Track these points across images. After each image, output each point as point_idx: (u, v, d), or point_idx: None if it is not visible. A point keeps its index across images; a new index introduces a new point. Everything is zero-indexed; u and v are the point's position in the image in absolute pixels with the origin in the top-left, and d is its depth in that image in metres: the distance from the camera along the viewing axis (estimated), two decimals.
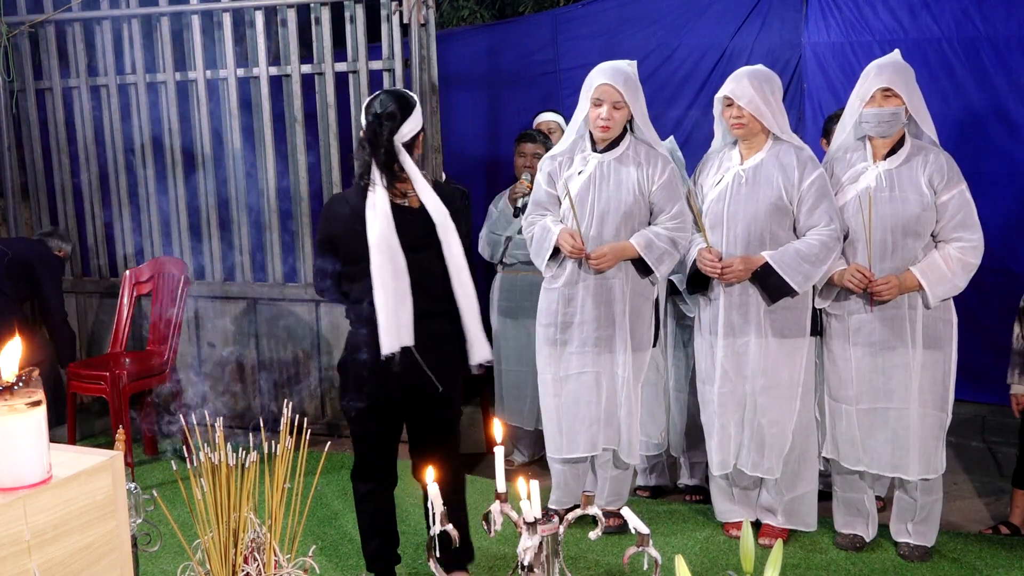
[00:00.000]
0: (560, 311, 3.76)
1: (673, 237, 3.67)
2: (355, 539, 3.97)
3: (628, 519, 1.78)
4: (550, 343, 3.80)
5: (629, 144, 3.72)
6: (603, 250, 3.63)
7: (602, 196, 3.68)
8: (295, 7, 5.12)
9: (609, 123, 3.63)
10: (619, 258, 3.67)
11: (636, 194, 3.66)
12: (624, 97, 3.62)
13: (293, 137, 5.27)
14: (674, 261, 3.72)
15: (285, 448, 1.99)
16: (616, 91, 3.61)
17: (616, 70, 3.65)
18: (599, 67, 3.69)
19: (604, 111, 3.61)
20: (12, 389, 1.33)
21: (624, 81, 3.62)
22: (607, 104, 3.61)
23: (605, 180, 3.68)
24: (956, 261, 3.43)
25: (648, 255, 3.65)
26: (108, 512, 1.45)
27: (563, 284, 3.76)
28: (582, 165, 3.72)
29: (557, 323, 3.77)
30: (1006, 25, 4.99)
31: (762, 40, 5.57)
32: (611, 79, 3.61)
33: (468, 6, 8.06)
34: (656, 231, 3.67)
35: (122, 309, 5.11)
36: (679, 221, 3.68)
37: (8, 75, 5.69)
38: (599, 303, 3.72)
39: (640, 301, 3.77)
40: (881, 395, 3.55)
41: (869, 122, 3.50)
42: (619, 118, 3.64)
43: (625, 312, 3.73)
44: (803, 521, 3.78)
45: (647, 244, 3.64)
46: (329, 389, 5.38)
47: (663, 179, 3.68)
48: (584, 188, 3.69)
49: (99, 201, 5.73)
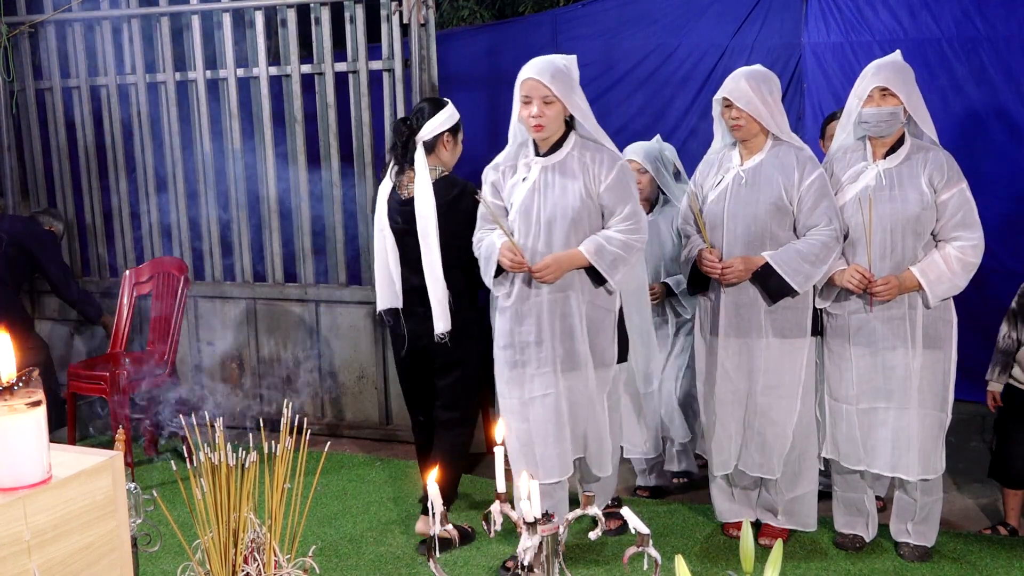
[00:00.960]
0: (515, 331, 3.50)
1: (626, 240, 3.40)
2: (355, 539, 3.98)
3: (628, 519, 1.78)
4: (510, 365, 3.53)
5: (574, 144, 3.46)
6: (546, 261, 3.36)
7: (547, 203, 3.41)
8: (295, 7, 5.12)
9: (541, 120, 3.35)
10: (566, 268, 3.39)
11: (583, 198, 3.39)
12: (553, 91, 3.33)
13: (293, 137, 5.27)
14: (632, 267, 3.49)
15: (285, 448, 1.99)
16: (542, 86, 3.33)
17: (543, 64, 3.38)
18: (528, 63, 3.43)
19: (534, 108, 3.35)
20: (12, 389, 1.33)
21: (552, 74, 3.34)
22: (536, 101, 3.35)
23: (550, 186, 3.42)
24: (956, 260, 3.43)
25: (599, 262, 3.38)
26: (108, 512, 1.45)
27: (514, 302, 3.49)
28: (526, 172, 3.47)
29: (514, 344, 3.51)
30: (1006, 25, 4.99)
31: (762, 40, 5.57)
32: (536, 74, 3.35)
33: (468, 6, 8.06)
34: (607, 235, 3.40)
35: (122, 309, 5.11)
36: (632, 223, 3.41)
37: (8, 75, 5.69)
38: (554, 319, 3.45)
39: (599, 314, 3.50)
40: (881, 395, 3.55)
41: (868, 122, 3.49)
42: (552, 115, 3.36)
43: (583, 327, 3.45)
44: (803, 521, 3.78)
45: (597, 250, 3.38)
46: (329, 389, 5.39)
47: (611, 178, 3.41)
48: (528, 196, 3.44)
49: (99, 201, 5.74)
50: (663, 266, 4.25)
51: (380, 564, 3.75)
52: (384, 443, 5.20)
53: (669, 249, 4.22)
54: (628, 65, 5.88)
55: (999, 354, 3.81)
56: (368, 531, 4.06)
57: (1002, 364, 3.80)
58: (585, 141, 3.47)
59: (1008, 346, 3.79)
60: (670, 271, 4.23)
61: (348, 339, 5.28)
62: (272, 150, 5.28)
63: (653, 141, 4.38)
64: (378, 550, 3.88)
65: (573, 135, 3.47)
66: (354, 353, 5.29)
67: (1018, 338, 3.77)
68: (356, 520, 4.18)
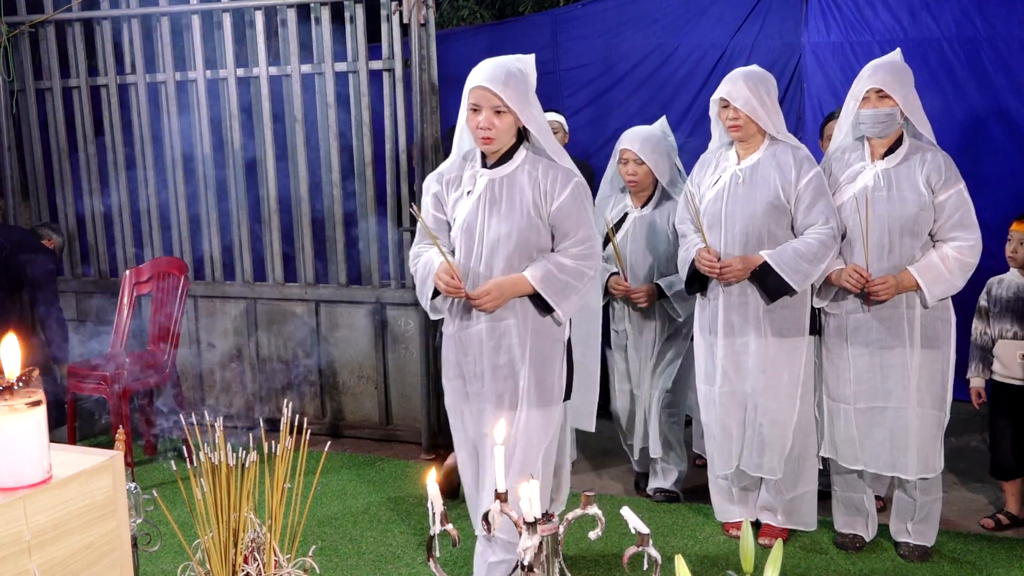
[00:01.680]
0: (462, 362, 3.18)
1: (578, 267, 3.05)
2: (355, 539, 3.98)
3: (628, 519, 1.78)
4: (461, 398, 3.23)
5: (525, 157, 3.08)
6: (487, 288, 3.02)
7: (492, 221, 3.05)
8: (295, 7, 5.12)
9: (490, 133, 2.98)
10: (508, 296, 3.04)
11: (532, 217, 3.04)
12: (505, 101, 2.95)
13: (293, 137, 5.27)
14: (583, 296, 3.15)
15: (285, 448, 1.99)
16: (493, 95, 2.96)
17: (495, 69, 3.00)
18: (479, 65, 3.07)
19: (483, 118, 2.98)
20: (12, 389, 1.33)
21: (505, 82, 2.96)
22: (486, 110, 2.98)
23: (496, 202, 3.06)
24: (954, 260, 3.43)
25: (546, 289, 3.03)
26: (108, 512, 1.45)
27: (456, 330, 3.18)
28: (471, 185, 3.11)
29: (463, 375, 3.19)
30: (1006, 25, 4.99)
31: (762, 40, 5.57)
32: (487, 81, 2.97)
33: (468, 6, 8.06)
34: (557, 260, 3.05)
35: (122, 309, 5.11)
36: (585, 247, 3.06)
37: (8, 75, 5.69)
38: (494, 350, 3.11)
39: (545, 345, 3.13)
40: (879, 394, 3.55)
41: (865, 123, 3.50)
42: (503, 126, 2.99)
43: (525, 359, 3.10)
44: (803, 521, 3.78)
45: (544, 276, 3.03)
46: (329, 389, 5.39)
47: (564, 197, 3.03)
48: (472, 213, 3.08)
49: (99, 201, 5.73)
50: (656, 266, 4.12)
51: (380, 564, 3.76)
52: (384, 443, 5.20)
53: (664, 248, 4.09)
54: (628, 65, 5.88)
55: (976, 350, 3.92)
56: (368, 531, 4.06)
57: (980, 359, 3.91)
58: (537, 154, 3.11)
59: (984, 342, 3.90)
60: (664, 272, 4.11)
61: (348, 339, 5.28)
62: (272, 150, 5.28)
63: (655, 126, 4.20)
64: (378, 550, 3.88)
65: (525, 146, 3.11)
66: (354, 353, 5.29)
67: (991, 333, 3.87)
68: (356, 520, 4.18)
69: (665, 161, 4.08)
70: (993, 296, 3.87)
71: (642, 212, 4.15)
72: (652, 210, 4.13)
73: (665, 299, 4.09)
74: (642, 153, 4.03)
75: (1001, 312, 3.83)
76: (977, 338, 3.91)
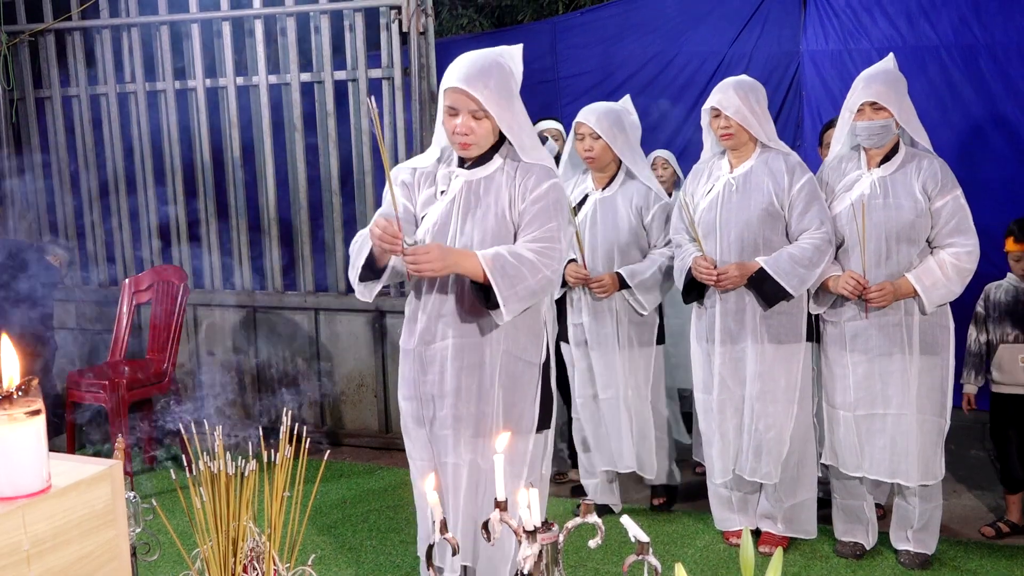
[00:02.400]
0: (419, 380, 2.84)
1: (537, 261, 2.65)
2: (354, 548, 3.97)
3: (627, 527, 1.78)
4: (416, 421, 2.89)
5: (505, 158, 2.78)
6: (428, 246, 2.60)
7: (466, 226, 2.75)
8: (294, 16, 5.13)
9: (468, 138, 2.69)
10: (451, 266, 2.62)
11: (507, 221, 2.73)
12: (484, 105, 2.64)
13: (292, 145, 5.27)
14: (534, 297, 2.70)
15: (284, 457, 1.98)
16: (469, 98, 2.65)
17: (473, 68, 2.66)
18: (456, 61, 2.73)
19: (460, 123, 2.68)
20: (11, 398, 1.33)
21: (484, 83, 2.64)
22: (463, 113, 2.67)
23: (471, 207, 2.75)
24: (951, 267, 3.44)
25: (494, 272, 2.60)
26: (107, 521, 1.45)
27: (417, 345, 2.83)
28: (445, 184, 2.80)
29: (419, 396, 2.85)
30: (1004, 32, 5.00)
31: (760, 48, 5.59)
32: (463, 82, 2.64)
33: (467, 14, 8.08)
34: (514, 248, 2.67)
35: (122, 318, 5.11)
36: (548, 246, 2.68)
37: (8, 84, 5.70)
38: (460, 371, 2.78)
39: (519, 368, 2.81)
40: (879, 401, 3.55)
41: (861, 134, 3.52)
42: (482, 131, 2.69)
43: (495, 382, 2.78)
44: (803, 529, 3.77)
45: (496, 257, 2.63)
46: (328, 397, 5.38)
47: (536, 192, 2.71)
48: (445, 215, 2.77)
49: (99, 209, 5.74)
50: (616, 251, 3.87)
51: (379, 573, 3.75)
52: (383, 451, 5.19)
53: (625, 232, 3.85)
54: (627, 72, 5.90)
55: (971, 357, 3.93)
56: (367, 540, 4.06)
57: (975, 367, 3.92)
58: (519, 153, 2.78)
59: (979, 349, 3.91)
60: (626, 258, 3.86)
61: (347, 347, 5.28)
62: (271, 158, 5.29)
63: (618, 103, 3.96)
64: (377, 559, 3.87)
65: (506, 146, 2.80)
66: (354, 361, 5.29)
67: (988, 340, 3.88)
68: (356, 529, 4.18)
69: (625, 137, 3.83)
70: (991, 301, 3.87)
71: (603, 194, 3.93)
72: (614, 192, 3.90)
73: (628, 290, 3.86)
74: (599, 127, 3.79)
75: (1000, 316, 3.83)
76: (972, 345, 3.91)
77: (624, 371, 3.98)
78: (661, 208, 3.94)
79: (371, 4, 4.96)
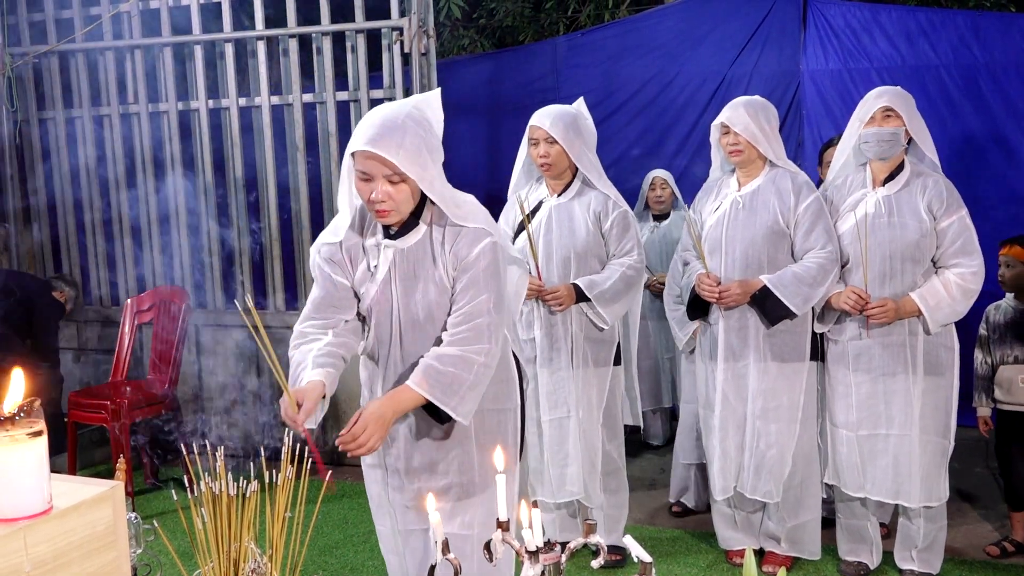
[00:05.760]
0: (381, 450, 2.64)
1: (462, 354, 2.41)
2: (356, 568, 3.96)
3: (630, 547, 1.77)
4: (381, 487, 2.70)
5: (431, 220, 2.49)
6: (363, 422, 2.43)
7: (405, 301, 2.51)
8: (297, 37, 5.16)
9: (385, 205, 2.37)
10: (390, 420, 2.45)
11: (448, 289, 2.47)
12: (400, 168, 2.31)
13: (294, 166, 5.29)
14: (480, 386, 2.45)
15: (286, 477, 1.98)
16: (381, 162, 2.32)
17: (384, 128, 2.32)
18: (365, 118, 2.40)
19: (376, 192, 2.35)
20: (13, 419, 1.33)
21: (399, 143, 2.30)
22: (378, 179, 2.35)
23: (407, 279, 2.50)
24: (956, 287, 3.43)
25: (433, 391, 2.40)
26: (108, 542, 1.44)
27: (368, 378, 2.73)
28: (375, 258, 2.53)
29: (383, 465, 2.66)
30: (1003, 52, 5.03)
31: (761, 67, 5.61)
32: (374, 144, 2.30)
33: (468, 35, 8.12)
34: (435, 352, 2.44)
35: (123, 338, 5.11)
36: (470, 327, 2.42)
37: (12, 105, 5.72)
38: (427, 447, 2.57)
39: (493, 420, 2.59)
40: (882, 421, 3.54)
41: (869, 142, 3.51)
42: (401, 197, 2.37)
43: (472, 442, 2.56)
44: (807, 549, 3.75)
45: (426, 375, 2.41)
46: (330, 417, 5.37)
47: (468, 258, 2.44)
48: (381, 292, 2.53)
49: (101, 230, 5.75)
50: (573, 260, 3.62)
51: None
52: None
53: (582, 240, 3.60)
54: (628, 93, 5.92)
55: (978, 380, 3.93)
56: (369, 560, 4.04)
57: (984, 390, 3.92)
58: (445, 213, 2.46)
59: (985, 372, 3.91)
60: (583, 268, 3.62)
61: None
62: (274, 179, 5.30)
63: (571, 106, 3.73)
64: None
65: (429, 207, 2.48)
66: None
67: (992, 362, 3.89)
68: (357, 549, 4.16)
69: (582, 142, 3.61)
70: (992, 323, 3.88)
71: (559, 200, 3.68)
72: (571, 198, 3.67)
73: (587, 302, 3.61)
74: (553, 130, 3.55)
75: (1001, 338, 3.84)
76: (979, 368, 3.92)
77: (576, 392, 3.67)
78: (620, 215, 3.65)
79: (373, 25, 4.99)
